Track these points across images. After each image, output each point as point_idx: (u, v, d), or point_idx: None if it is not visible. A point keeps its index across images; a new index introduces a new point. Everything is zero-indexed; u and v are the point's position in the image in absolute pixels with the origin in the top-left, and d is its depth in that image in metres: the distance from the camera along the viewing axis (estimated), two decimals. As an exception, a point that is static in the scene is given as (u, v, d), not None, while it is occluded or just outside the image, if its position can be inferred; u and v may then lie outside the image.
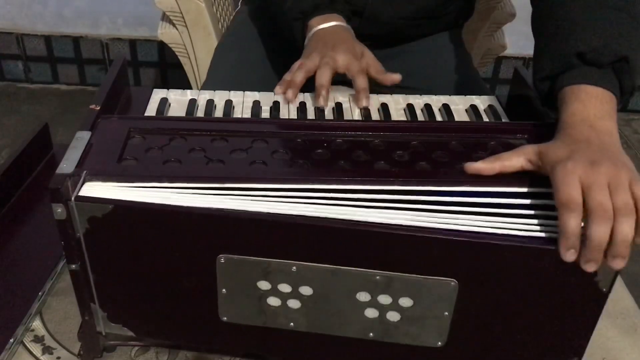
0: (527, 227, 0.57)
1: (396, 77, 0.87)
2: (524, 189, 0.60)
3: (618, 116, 0.65)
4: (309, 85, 0.86)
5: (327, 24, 0.91)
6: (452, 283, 0.58)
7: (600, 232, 0.53)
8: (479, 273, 0.58)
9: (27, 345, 0.70)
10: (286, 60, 0.92)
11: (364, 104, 0.83)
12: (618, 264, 0.54)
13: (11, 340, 0.70)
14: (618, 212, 0.54)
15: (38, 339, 0.71)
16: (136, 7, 2.12)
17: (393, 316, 0.61)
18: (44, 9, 2.15)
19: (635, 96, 2.25)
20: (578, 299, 0.58)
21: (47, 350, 0.70)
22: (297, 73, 0.85)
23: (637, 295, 0.80)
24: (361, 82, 0.85)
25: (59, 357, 0.69)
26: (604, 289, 0.57)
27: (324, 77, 0.83)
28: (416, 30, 1.11)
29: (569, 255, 0.54)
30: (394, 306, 0.60)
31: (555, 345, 0.62)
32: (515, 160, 0.62)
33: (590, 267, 0.54)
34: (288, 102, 0.83)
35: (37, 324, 0.73)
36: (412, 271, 0.58)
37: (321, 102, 0.82)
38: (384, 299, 0.60)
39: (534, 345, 0.62)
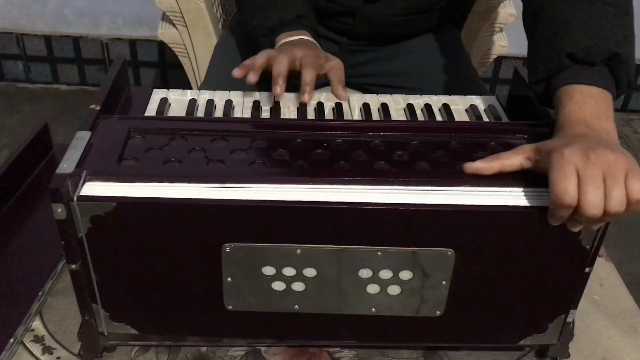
0: (518, 199, 0.60)
1: (343, 96, 0.84)
2: (523, 189, 0.61)
3: (617, 116, 0.66)
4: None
5: (293, 37, 0.92)
6: (449, 252, 0.61)
7: (589, 219, 0.57)
8: (473, 240, 0.61)
9: (27, 345, 0.70)
10: None
11: (304, 99, 0.82)
12: (597, 226, 0.60)
13: (11, 340, 0.70)
14: (609, 208, 0.55)
15: (38, 339, 0.71)
16: (136, 7, 2.12)
17: (394, 290, 0.63)
18: (44, 9, 2.15)
19: (635, 96, 2.24)
20: (564, 256, 0.62)
21: (47, 350, 0.70)
22: (258, 57, 0.84)
23: (637, 295, 0.80)
24: (307, 75, 0.83)
25: (59, 357, 0.69)
26: (587, 246, 0.62)
27: (280, 66, 0.82)
28: (410, 27, 1.10)
29: (556, 224, 0.59)
30: (395, 280, 0.63)
31: (547, 302, 0.66)
32: (514, 159, 0.62)
33: (575, 229, 0.60)
34: (250, 84, 0.82)
35: (37, 324, 0.73)
36: (411, 244, 0.60)
37: (277, 91, 0.81)
38: (385, 274, 0.62)
39: (527, 305, 0.65)
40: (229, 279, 0.63)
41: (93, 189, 0.60)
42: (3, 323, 0.72)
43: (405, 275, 0.62)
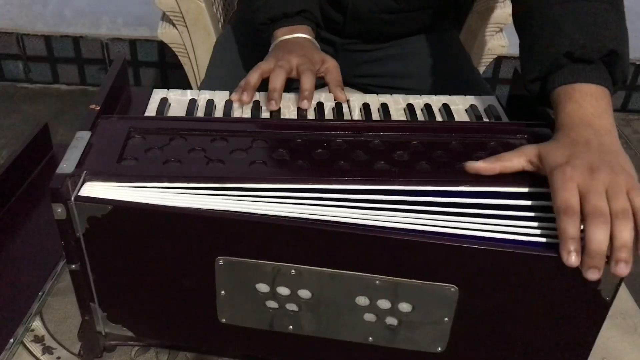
0: (528, 231, 0.57)
1: (343, 98, 0.84)
2: (524, 189, 0.60)
3: (617, 116, 0.66)
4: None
5: (291, 35, 0.91)
6: (452, 289, 0.57)
7: (597, 234, 0.53)
8: (479, 279, 0.57)
9: (27, 345, 0.70)
10: None
11: (304, 105, 0.81)
12: (621, 269, 0.53)
13: (11, 340, 0.70)
14: (615, 216, 0.53)
15: (38, 339, 0.71)
16: (136, 7, 2.12)
17: (392, 321, 0.61)
18: (44, 9, 2.15)
19: (635, 96, 2.24)
20: (580, 307, 0.57)
21: (47, 350, 0.70)
22: (251, 74, 0.84)
23: (637, 295, 0.80)
24: (306, 81, 0.83)
25: (59, 357, 0.69)
26: (607, 298, 0.56)
27: (277, 81, 0.82)
28: (403, 25, 1.10)
29: (571, 260, 0.53)
30: (393, 311, 0.60)
31: (556, 355, 0.61)
32: (516, 161, 0.62)
33: (592, 275, 0.53)
34: (243, 105, 0.82)
35: (37, 324, 0.73)
36: (411, 276, 0.57)
37: (273, 106, 0.81)
38: (383, 304, 0.60)
39: (534, 354, 0.61)
40: (223, 292, 0.62)
41: (92, 189, 0.59)
42: (3, 323, 0.72)
43: (405, 307, 0.59)
